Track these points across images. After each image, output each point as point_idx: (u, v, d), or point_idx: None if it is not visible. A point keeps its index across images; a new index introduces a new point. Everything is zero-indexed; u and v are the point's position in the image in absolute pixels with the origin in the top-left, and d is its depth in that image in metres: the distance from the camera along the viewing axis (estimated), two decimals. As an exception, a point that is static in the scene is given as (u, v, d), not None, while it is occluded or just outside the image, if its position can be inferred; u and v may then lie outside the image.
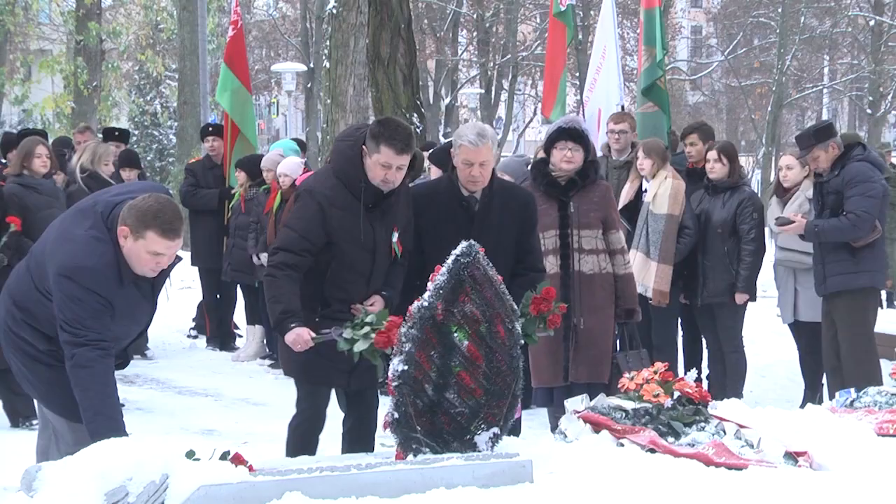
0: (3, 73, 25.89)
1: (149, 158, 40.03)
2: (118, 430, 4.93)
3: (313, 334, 5.61)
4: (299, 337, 5.62)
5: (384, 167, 5.79)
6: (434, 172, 9.65)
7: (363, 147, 5.85)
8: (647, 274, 8.97)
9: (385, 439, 5.09)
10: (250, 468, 4.36)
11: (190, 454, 4.28)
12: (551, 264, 7.45)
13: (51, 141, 11.88)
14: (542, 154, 10.61)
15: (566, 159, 7.41)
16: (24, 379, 5.37)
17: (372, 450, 5.73)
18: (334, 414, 6.22)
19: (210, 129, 13.08)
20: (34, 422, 8.58)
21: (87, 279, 5.01)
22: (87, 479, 3.91)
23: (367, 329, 5.32)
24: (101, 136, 13.44)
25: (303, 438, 6.04)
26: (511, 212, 6.32)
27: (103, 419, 4.96)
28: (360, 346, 5.33)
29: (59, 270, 5.05)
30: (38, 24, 31.48)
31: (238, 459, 4.38)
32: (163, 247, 5.05)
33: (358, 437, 6.12)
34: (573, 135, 7.41)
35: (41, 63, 26.73)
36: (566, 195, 7.46)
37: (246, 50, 14.62)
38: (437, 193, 6.38)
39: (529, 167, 8.38)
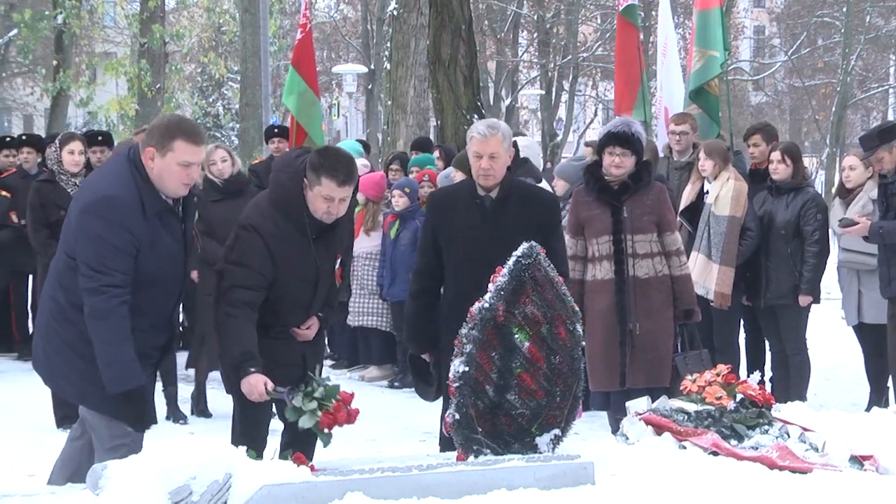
0: (69, 75, 26.16)
1: (211, 160, 40.30)
2: (132, 378, 5.04)
3: (269, 386, 5.34)
4: (254, 387, 5.33)
5: (326, 200, 5.50)
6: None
7: (304, 179, 5.54)
8: (709, 276, 8.90)
9: None
10: (312, 468, 4.38)
11: (252, 454, 4.32)
12: (605, 270, 7.41)
13: (116, 142, 12.00)
14: (586, 153, 10.64)
15: (615, 164, 7.35)
16: (63, 380, 5.36)
17: None
18: (390, 414, 6.25)
19: (275, 130, 13.16)
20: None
21: (107, 210, 5.02)
22: (151, 477, 3.94)
23: (314, 405, 5.16)
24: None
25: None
26: (528, 212, 6.12)
27: (118, 368, 5.04)
28: (304, 422, 5.18)
29: (81, 209, 5.09)
30: (103, 27, 31.80)
31: (300, 459, 4.41)
32: (191, 154, 5.10)
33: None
34: (622, 139, 7.33)
35: (106, 66, 26.99)
36: (618, 200, 7.41)
37: (314, 53, 14.68)
38: (457, 196, 6.27)
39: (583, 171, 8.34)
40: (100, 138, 11.00)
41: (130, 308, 5.07)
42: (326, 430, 5.16)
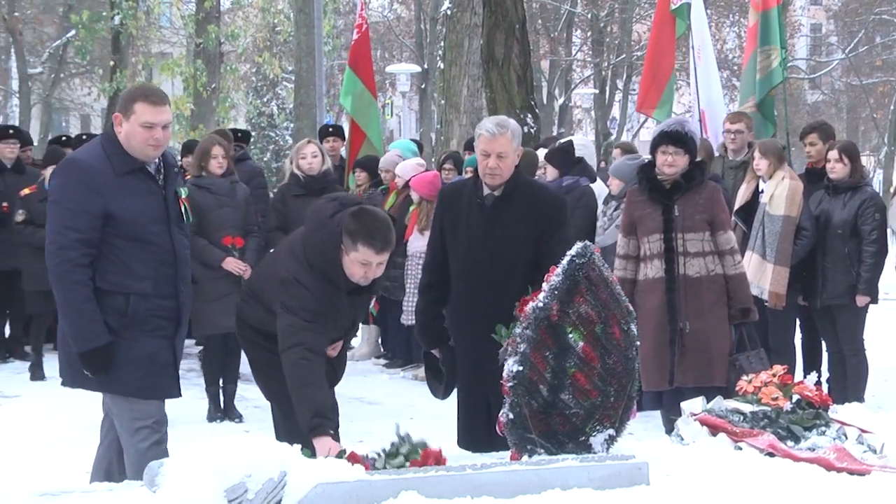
0: (126, 76, 26.38)
1: (265, 159, 40.61)
2: (93, 338, 5.16)
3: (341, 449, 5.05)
4: (326, 451, 4.81)
5: (363, 265, 5.36)
6: (550, 172, 9.63)
7: (340, 243, 5.38)
8: (763, 276, 8.84)
9: None
10: (366, 467, 4.39)
11: (307, 452, 4.33)
12: (656, 268, 7.41)
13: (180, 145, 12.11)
14: (616, 154, 10.62)
15: (667, 163, 7.37)
16: (79, 374, 5.43)
17: None
18: (443, 413, 6.23)
19: (329, 129, 13.20)
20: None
21: (68, 171, 5.29)
22: (207, 475, 3.97)
23: (400, 459, 4.94)
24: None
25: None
26: (530, 211, 5.94)
27: (77, 327, 5.18)
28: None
29: (49, 179, 5.40)
30: (159, 27, 32.08)
31: (354, 458, 4.42)
32: (150, 114, 5.25)
33: None
34: (674, 138, 7.34)
35: (162, 66, 27.20)
36: (670, 198, 7.40)
37: (371, 53, 14.69)
38: (461, 192, 6.16)
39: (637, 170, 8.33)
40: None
41: (123, 271, 5.22)
42: None
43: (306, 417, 5.12)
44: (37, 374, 10.93)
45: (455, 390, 6.24)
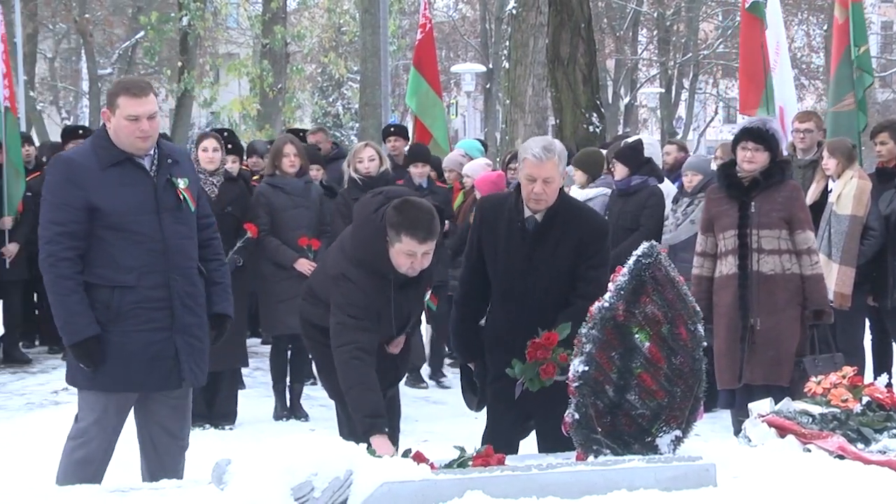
0: (194, 76, 26.65)
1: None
2: (79, 331, 5.18)
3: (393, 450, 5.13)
4: (382, 451, 4.91)
5: (409, 256, 5.43)
6: (619, 171, 9.58)
7: (385, 236, 5.45)
8: (829, 276, 8.73)
9: None
10: (432, 466, 4.40)
11: (372, 451, 4.35)
12: (730, 265, 7.42)
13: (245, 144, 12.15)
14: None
15: (747, 160, 7.39)
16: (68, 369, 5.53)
17: None
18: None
19: (392, 129, 13.24)
20: (216, 424, 8.85)
21: (56, 168, 5.36)
22: (274, 473, 3.99)
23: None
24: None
25: None
26: (570, 236, 5.69)
27: (63, 320, 5.23)
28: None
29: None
30: (226, 28, 32.40)
31: (419, 457, 4.43)
32: (133, 107, 5.25)
33: None
34: (755, 135, 7.36)
35: (229, 66, 27.44)
36: (747, 195, 7.37)
37: (436, 53, 14.69)
38: (502, 208, 5.83)
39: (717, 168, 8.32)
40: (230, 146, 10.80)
41: (109, 264, 5.23)
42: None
43: (359, 418, 5.25)
44: None
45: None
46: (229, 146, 9.65)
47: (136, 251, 5.28)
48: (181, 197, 5.42)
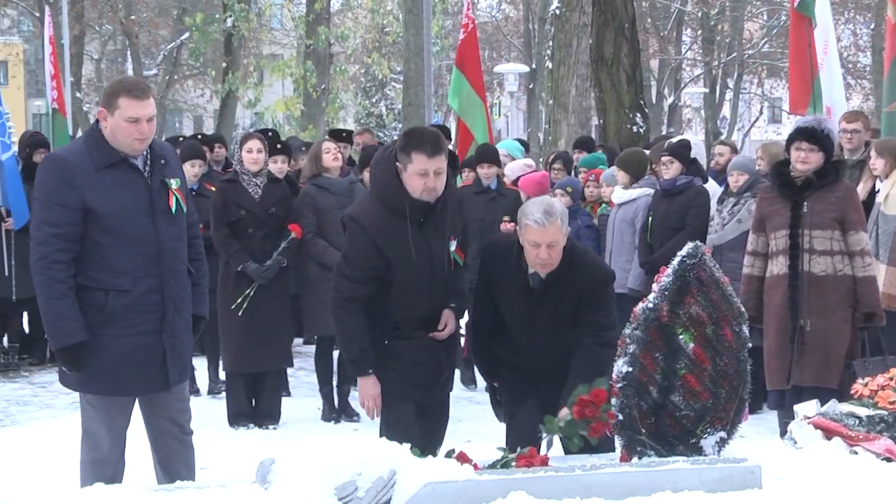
0: (238, 77, 26.81)
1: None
2: (67, 335, 5.15)
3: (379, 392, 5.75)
4: (372, 394, 5.76)
5: (421, 175, 5.58)
6: (675, 168, 9.51)
7: (397, 165, 5.66)
8: (877, 277, 8.66)
9: None
10: (475, 466, 4.40)
11: (416, 452, 4.35)
12: (781, 265, 7.37)
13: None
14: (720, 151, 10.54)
15: (801, 160, 7.35)
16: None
17: None
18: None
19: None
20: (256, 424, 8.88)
21: (48, 168, 5.30)
22: (318, 473, 4.00)
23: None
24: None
25: None
26: (573, 287, 5.69)
27: (50, 324, 5.22)
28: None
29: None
30: (270, 29, 32.55)
31: (463, 458, 4.42)
32: (134, 109, 5.18)
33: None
34: (809, 135, 7.31)
35: (273, 67, 27.58)
36: (800, 195, 7.33)
37: (479, 53, 14.65)
38: (506, 257, 5.78)
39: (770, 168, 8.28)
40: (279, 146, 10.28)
41: (103, 267, 5.19)
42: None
43: (347, 363, 5.90)
44: None
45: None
46: (278, 146, 9.64)
47: (130, 254, 5.24)
48: (175, 198, 5.38)
